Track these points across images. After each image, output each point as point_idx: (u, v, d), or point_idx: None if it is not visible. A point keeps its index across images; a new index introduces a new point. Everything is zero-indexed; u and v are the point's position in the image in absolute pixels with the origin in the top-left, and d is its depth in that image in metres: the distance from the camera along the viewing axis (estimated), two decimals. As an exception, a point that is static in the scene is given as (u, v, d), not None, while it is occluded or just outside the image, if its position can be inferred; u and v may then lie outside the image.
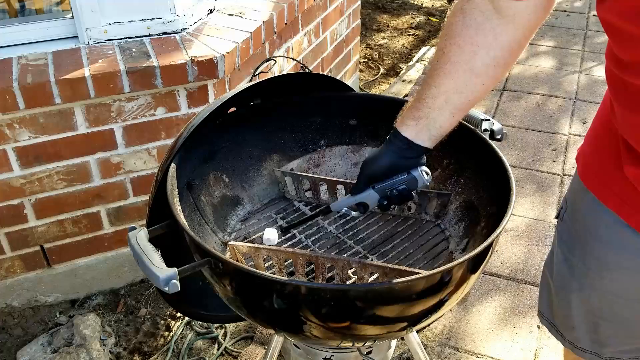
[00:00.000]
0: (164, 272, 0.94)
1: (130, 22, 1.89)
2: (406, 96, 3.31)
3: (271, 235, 1.29)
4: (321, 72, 2.71)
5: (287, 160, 1.50)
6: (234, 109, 1.41)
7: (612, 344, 1.11)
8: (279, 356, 1.43)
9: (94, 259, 2.09)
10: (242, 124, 1.43)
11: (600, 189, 1.01)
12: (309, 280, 1.21)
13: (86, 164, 1.89)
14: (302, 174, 1.47)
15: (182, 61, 1.77)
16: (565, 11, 4.45)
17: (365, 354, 1.32)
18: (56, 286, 2.08)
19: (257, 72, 1.89)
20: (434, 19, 4.46)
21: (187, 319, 2.04)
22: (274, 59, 2.20)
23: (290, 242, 1.34)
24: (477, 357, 1.91)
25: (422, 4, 4.73)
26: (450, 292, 1.04)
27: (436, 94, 1.00)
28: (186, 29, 1.96)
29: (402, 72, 3.70)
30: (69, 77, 1.69)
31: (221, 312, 1.45)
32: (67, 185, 1.90)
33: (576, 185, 1.08)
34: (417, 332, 1.83)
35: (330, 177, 1.46)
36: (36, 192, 1.87)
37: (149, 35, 1.92)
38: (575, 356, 1.18)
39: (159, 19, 1.91)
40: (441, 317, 1.68)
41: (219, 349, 1.95)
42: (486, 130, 1.27)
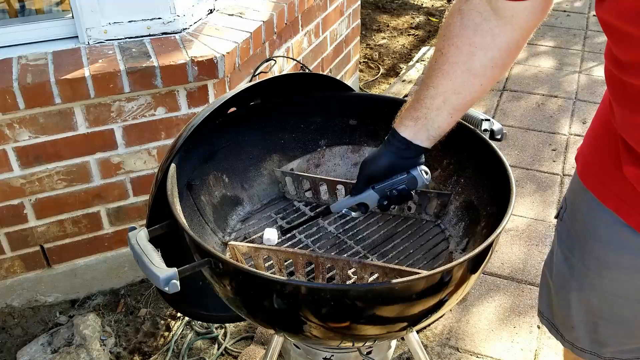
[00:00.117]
0: (164, 272, 0.95)
1: (130, 22, 1.89)
2: (406, 96, 3.31)
3: (271, 235, 1.29)
4: (321, 72, 2.71)
5: (287, 160, 1.50)
6: (234, 109, 1.41)
7: (611, 343, 1.11)
8: (279, 356, 1.43)
9: (94, 259, 2.09)
10: (242, 124, 1.43)
11: (599, 189, 1.01)
12: (309, 280, 1.21)
13: (86, 164, 1.89)
14: (302, 174, 1.47)
15: (182, 61, 1.77)
16: (565, 11, 4.45)
17: (365, 354, 1.32)
18: (56, 286, 2.08)
19: (257, 72, 1.89)
20: (434, 19, 4.46)
21: (187, 319, 2.04)
22: (274, 59, 2.20)
23: (290, 242, 1.34)
24: (477, 357, 1.91)
25: (422, 4, 4.73)
26: (450, 292, 1.04)
27: (434, 95, 1.00)
28: (186, 29, 1.96)
29: (402, 72, 3.70)
30: (69, 77, 1.69)
31: (221, 312, 1.45)
32: (67, 185, 1.90)
33: (576, 185, 1.08)
34: (417, 332, 1.83)
35: (330, 177, 1.46)
36: (36, 192, 1.87)
37: (149, 35, 1.92)
38: (575, 356, 1.18)
39: (159, 19, 1.91)
40: (441, 317, 1.68)
41: (219, 349, 1.95)
42: (486, 130, 1.27)
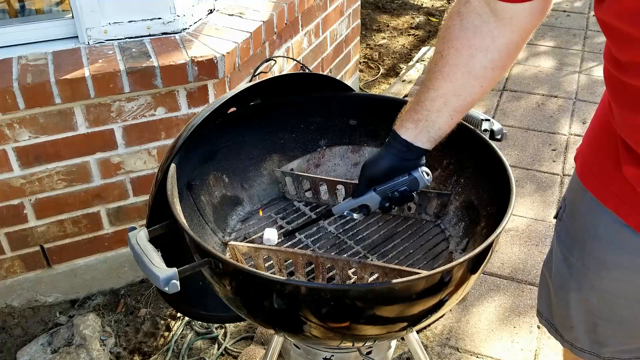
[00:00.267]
0: (164, 272, 0.95)
1: (130, 22, 1.89)
2: (406, 96, 3.31)
3: (271, 235, 1.29)
4: (321, 72, 2.71)
5: (287, 160, 1.50)
6: (234, 109, 1.41)
7: (611, 343, 1.11)
8: (279, 356, 1.43)
9: (94, 259, 2.09)
10: (242, 124, 1.43)
11: (599, 189, 1.01)
12: (309, 280, 1.21)
13: (86, 164, 1.89)
14: (302, 174, 1.47)
15: (182, 61, 1.77)
16: (565, 11, 4.45)
17: (365, 354, 1.32)
18: (56, 286, 2.08)
19: (257, 72, 1.89)
20: (434, 19, 4.46)
21: (187, 319, 2.04)
22: (274, 59, 2.20)
23: (290, 242, 1.34)
24: (477, 357, 1.91)
25: (422, 4, 4.73)
26: (450, 292, 1.04)
27: (435, 97, 1.00)
28: (186, 29, 1.96)
29: (402, 72, 3.70)
30: (69, 77, 1.69)
31: (221, 312, 1.45)
32: (67, 185, 1.90)
33: (575, 185, 1.08)
34: (417, 332, 1.83)
35: (330, 177, 1.46)
36: (36, 192, 1.87)
37: (149, 35, 1.92)
38: (574, 356, 1.18)
39: (159, 19, 1.91)
40: (441, 317, 1.68)
41: (219, 349, 1.95)
42: (486, 130, 1.27)
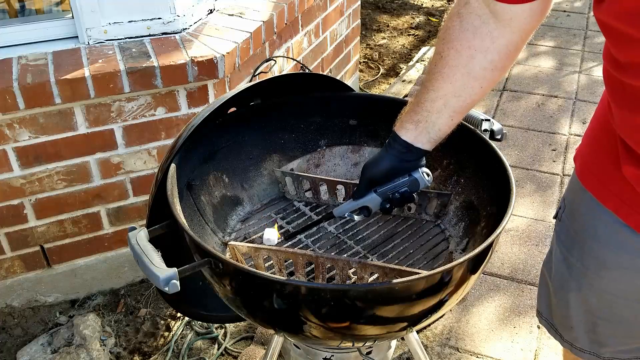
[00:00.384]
0: (164, 272, 0.95)
1: (130, 22, 1.89)
2: (406, 96, 3.31)
3: (271, 235, 1.29)
4: (321, 72, 2.71)
5: (287, 160, 1.50)
6: (234, 109, 1.41)
7: (610, 343, 1.11)
8: (279, 356, 1.44)
9: (94, 259, 2.09)
10: (242, 124, 1.43)
11: (598, 189, 1.01)
12: (309, 280, 1.21)
13: (86, 164, 1.89)
14: (302, 174, 1.47)
15: (182, 61, 1.77)
16: (565, 11, 4.45)
17: (365, 354, 1.32)
18: (56, 286, 2.08)
19: (257, 72, 1.89)
20: (434, 19, 4.46)
21: (187, 319, 2.04)
22: (274, 59, 2.20)
23: (290, 242, 1.34)
24: (477, 357, 1.91)
25: (422, 4, 4.73)
26: (450, 292, 1.04)
27: (435, 98, 1.00)
28: (186, 29, 1.96)
29: (402, 72, 3.70)
30: (69, 77, 1.69)
31: (221, 312, 1.45)
32: (67, 185, 1.90)
33: (574, 185, 1.08)
34: (417, 332, 1.83)
35: (330, 177, 1.46)
36: (36, 192, 1.87)
37: (149, 35, 1.92)
38: (574, 356, 1.18)
39: (159, 19, 1.91)
40: (441, 317, 1.68)
41: (219, 349, 1.95)
42: (486, 130, 1.27)
